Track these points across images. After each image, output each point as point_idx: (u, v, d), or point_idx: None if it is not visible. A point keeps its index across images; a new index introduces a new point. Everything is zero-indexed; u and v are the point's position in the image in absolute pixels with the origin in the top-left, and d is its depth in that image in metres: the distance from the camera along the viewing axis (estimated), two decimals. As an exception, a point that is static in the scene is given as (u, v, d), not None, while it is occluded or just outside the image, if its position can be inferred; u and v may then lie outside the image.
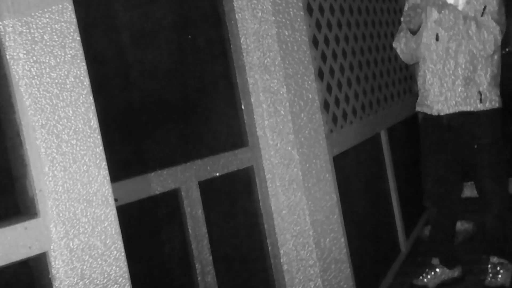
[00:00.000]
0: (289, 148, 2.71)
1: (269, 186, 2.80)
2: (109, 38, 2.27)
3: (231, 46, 2.71)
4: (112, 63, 2.29)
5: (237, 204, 2.74)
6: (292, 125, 2.69)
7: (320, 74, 2.89)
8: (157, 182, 2.41)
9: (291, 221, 2.76)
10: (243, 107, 2.75)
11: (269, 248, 2.79)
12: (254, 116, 2.77)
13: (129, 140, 2.37)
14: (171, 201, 2.46)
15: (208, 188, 2.58)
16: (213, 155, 2.62)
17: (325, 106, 2.90)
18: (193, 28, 2.61)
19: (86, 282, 1.83)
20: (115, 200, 1.97)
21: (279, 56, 2.66)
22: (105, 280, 1.86)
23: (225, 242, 2.65)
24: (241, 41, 2.71)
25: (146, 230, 2.39)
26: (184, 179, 2.50)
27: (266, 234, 2.79)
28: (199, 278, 2.51)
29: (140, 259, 2.26)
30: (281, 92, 2.68)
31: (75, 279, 1.81)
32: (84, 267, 1.83)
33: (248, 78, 2.75)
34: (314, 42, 2.91)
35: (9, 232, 1.71)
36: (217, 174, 2.63)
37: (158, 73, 2.48)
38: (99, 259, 1.86)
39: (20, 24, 1.73)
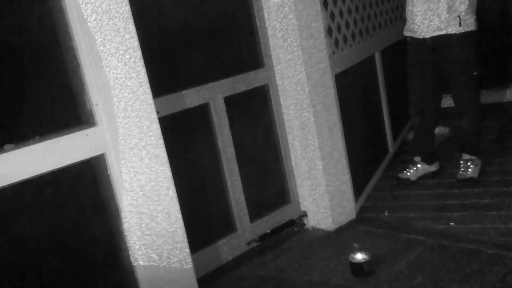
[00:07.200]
0: (298, 68, 2.68)
1: (281, 100, 2.80)
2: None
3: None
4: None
5: (255, 114, 2.76)
6: (301, 49, 2.64)
7: (324, 4, 2.79)
8: (190, 98, 2.43)
9: (299, 126, 2.77)
10: (260, 34, 2.70)
11: (281, 150, 2.84)
12: (270, 42, 2.72)
13: (166, 63, 2.37)
14: (202, 113, 2.50)
15: (232, 102, 2.60)
16: (236, 75, 2.62)
17: (329, 31, 2.83)
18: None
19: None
20: (157, 112, 1.99)
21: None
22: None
23: (246, 144, 2.69)
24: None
25: (182, 136, 2.44)
26: (212, 95, 2.52)
27: (279, 139, 2.82)
28: (226, 173, 2.58)
29: (178, 159, 2.32)
30: (292, 21, 2.62)
31: (131, 175, 1.87)
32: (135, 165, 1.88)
33: (264, 8, 2.68)
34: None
35: (75, 137, 1.78)
36: (239, 91, 2.63)
37: (188, 3, 2.43)
38: (146, 159, 1.91)
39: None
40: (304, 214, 2.89)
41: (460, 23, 2.98)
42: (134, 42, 1.86)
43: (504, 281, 2.10)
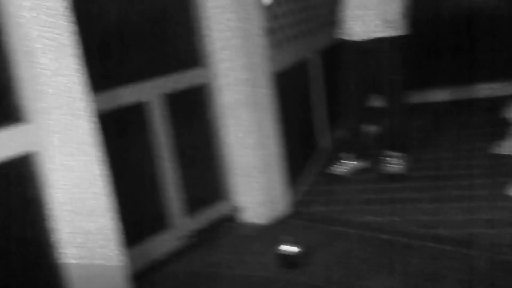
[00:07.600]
0: (237, 67, 2.71)
1: (219, 98, 2.82)
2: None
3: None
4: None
5: (192, 112, 2.77)
6: (240, 48, 2.67)
7: (266, 5, 2.84)
8: (127, 95, 2.41)
9: (235, 124, 2.81)
10: (200, 33, 2.71)
11: (218, 147, 2.87)
12: (209, 41, 2.73)
13: (103, 60, 2.33)
14: (138, 110, 2.48)
15: (169, 100, 2.59)
16: (175, 73, 2.62)
17: (268, 31, 2.87)
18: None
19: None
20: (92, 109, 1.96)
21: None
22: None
23: (182, 142, 2.69)
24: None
25: (119, 133, 2.41)
26: (150, 93, 2.51)
27: (216, 137, 2.85)
28: (162, 170, 2.58)
29: (114, 156, 2.29)
30: (232, 21, 2.64)
31: (63, 173, 1.84)
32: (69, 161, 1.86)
33: (204, 8, 2.69)
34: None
35: (4, 134, 1.72)
36: (178, 89, 2.62)
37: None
38: (78, 156, 1.89)
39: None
40: (239, 210, 2.94)
41: (391, 27, 3.11)
42: (69, 38, 1.83)
43: (423, 269, 2.23)
